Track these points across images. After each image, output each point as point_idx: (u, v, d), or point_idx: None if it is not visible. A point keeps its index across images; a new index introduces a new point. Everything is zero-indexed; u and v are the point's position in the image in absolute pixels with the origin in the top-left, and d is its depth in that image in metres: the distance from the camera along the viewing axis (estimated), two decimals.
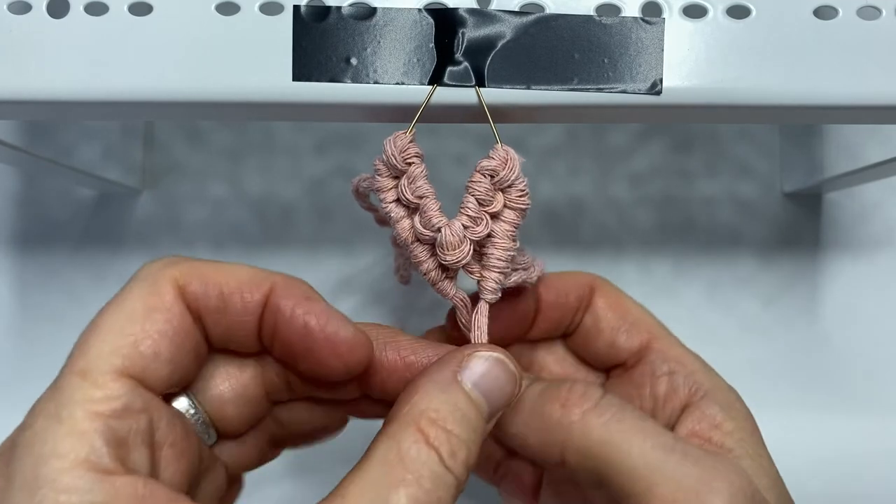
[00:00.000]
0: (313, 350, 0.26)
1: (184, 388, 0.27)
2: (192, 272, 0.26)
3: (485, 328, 0.29)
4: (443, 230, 0.27)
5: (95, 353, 0.23)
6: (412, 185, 0.28)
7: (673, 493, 0.26)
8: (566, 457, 0.28)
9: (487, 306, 0.29)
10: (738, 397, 0.31)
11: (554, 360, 0.35)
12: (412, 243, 0.28)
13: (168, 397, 0.26)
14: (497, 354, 0.27)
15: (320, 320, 0.26)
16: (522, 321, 0.34)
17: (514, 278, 0.30)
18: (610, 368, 0.34)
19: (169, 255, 0.26)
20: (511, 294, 0.32)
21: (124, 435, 0.22)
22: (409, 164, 0.28)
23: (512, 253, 0.29)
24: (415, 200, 0.28)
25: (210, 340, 0.27)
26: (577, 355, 0.35)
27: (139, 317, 0.24)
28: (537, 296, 0.34)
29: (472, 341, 0.29)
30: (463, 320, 0.30)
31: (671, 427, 0.31)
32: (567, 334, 0.35)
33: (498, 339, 0.29)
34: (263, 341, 0.27)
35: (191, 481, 0.25)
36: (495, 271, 0.29)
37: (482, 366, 0.26)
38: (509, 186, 0.28)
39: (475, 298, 0.29)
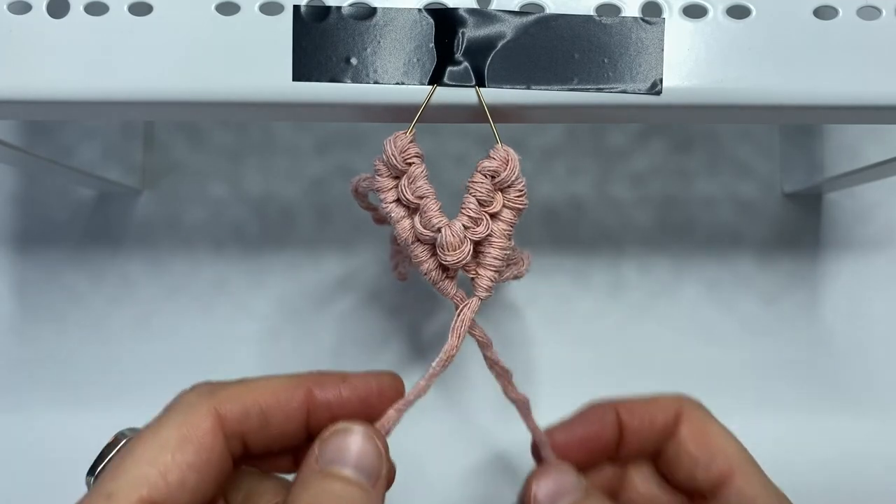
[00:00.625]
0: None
1: None
2: (230, 399, 0.27)
3: (468, 323, 0.29)
4: (443, 231, 0.27)
5: (124, 480, 0.25)
6: (412, 186, 0.28)
7: None
8: None
9: (479, 302, 0.29)
10: None
11: (641, 479, 0.35)
12: (412, 243, 0.28)
13: None
14: (350, 426, 0.28)
15: (356, 392, 0.29)
16: (604, 448, 0.33)
17: (507, 274, 0.30)
18: (693, 494, 0.34)
19: (203, 383, 0.28)
20: (591, 418, 0.32)
21: None
22: (410, 164, 0.28)
23: (508, 252, 0.29)
24: (415, 200, 0.28)
25: (251, 452, 0.29)
26: (664, 476, 0.35)
27: (171, 447, 0.26)
28: (620, 423, 0.33)
29: (451, 340, 0.29)
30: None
31: None
32: (655, 455, 0.34)
33: (581, 462, 0.32)
34: (312, 433, 0.29)
35: None
36: (491, 269, 0.29)
37: (334, 445, 0.27)
38: (509, 186, 0.28)
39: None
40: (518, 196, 0.28)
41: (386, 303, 0.46)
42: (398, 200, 0.28)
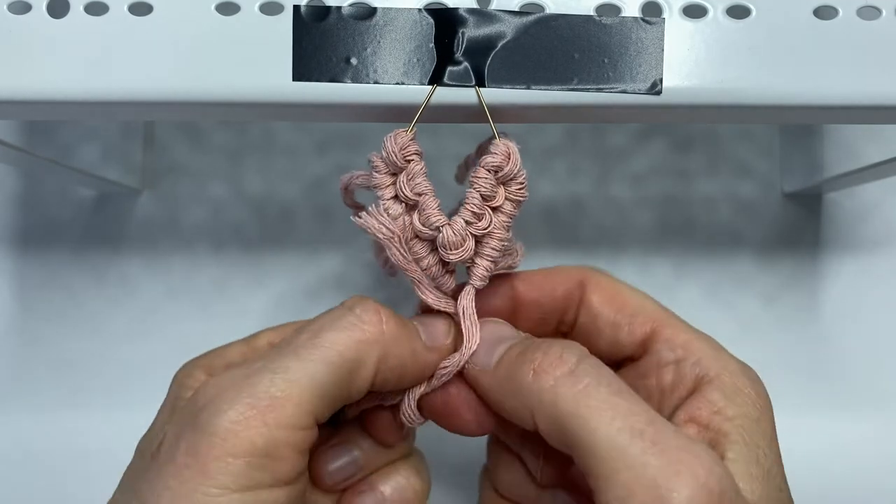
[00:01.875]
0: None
1: None
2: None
3: (473, 311, 0.30)
4: (444, 230, 0.28)
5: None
6: (411, 182, 0.28)
7: (631, 483, 0.24)
8: (538, 423, 0.27)
9: (474, 290, 0.30)
10: (753, 381, 0.29)
11: None
12: (410, 240, 0.28)
13: None
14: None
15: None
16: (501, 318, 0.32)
17: (501, 264, 0.31)
18: (619, 363, 0.33)
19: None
20: (481, 292, 0.31)
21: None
22: (409, 160, 0.28)
23: (506, 243, 0.29)
24: (413, 197, 0.28)
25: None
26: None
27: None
28: (514, 293, 0.32)
29: (462, 326, 0.29)
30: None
31: (671, 414, 0.29)
32: (565, 332, 0.33)
33: None
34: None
35: None
36: (488, 260, 0.29)
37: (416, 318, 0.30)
38: (511, 179, 0.28)
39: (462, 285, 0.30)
40: (519, 188, 0.28)
41: (385, 302, 0.46)
42: (396, 197, 0.28)
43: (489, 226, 0.28)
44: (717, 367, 0.29)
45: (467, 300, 0.29)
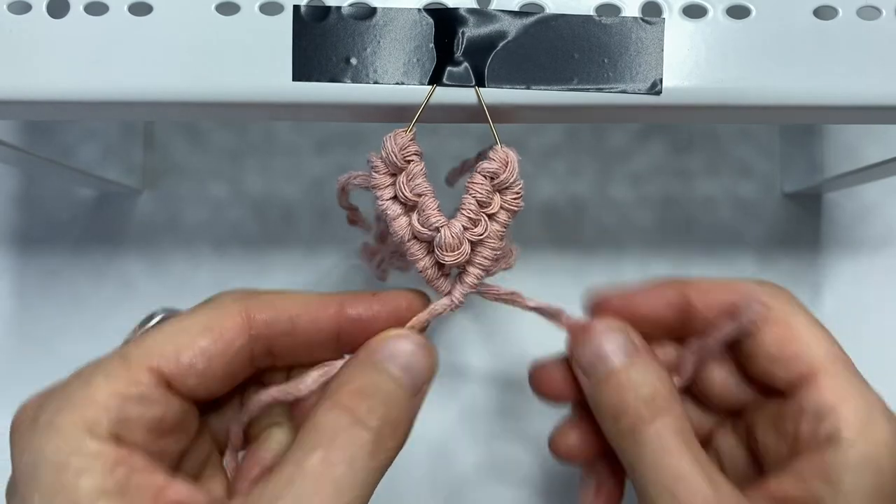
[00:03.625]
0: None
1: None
2: (261, 302, 0.28)
3: (426, 318, 0.29)
4: (442, 231, 0.27)
5: (143, 348, 0.27)
6: (411, 183, 0.28)
7: None
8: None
9: (451, 305, 0.29)
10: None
11: (720, 370, 0.31)
12: (408, 241, 0.28)
13: None
14: (408, 334, 0.28)
15: (386, 307, 0.29)
16: (664, 329, 0.31)
17: (494, 269, 0.30)
18: (770, 391, 0.30)
19: (240, 288, 0.29)
20: (652, 292, 0.30)
21: (131, 416, 0.26)
22: (409, 161, 0.28)
23: (499, 252, 0.29)
24: (413, 198, 0.28)
25: (278, 359, 0.29)
26: (739, 366, 0.31)
27: (192, 332, 0.27)
28: (689, 304, 0.30)
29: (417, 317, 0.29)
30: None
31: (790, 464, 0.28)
32: (730, 343, 0.31)
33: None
34: (347, 350, 0.29)
35: (181, 454, 0.28)
36: (479, 268, 0.29)
37: (393, 347, 0.28)
38: (507, 188, 0.28)
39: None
40: (515, 198, 0.28)
41: None
42: (395, 198, 0.28)
43: (485, 232, 0.28)
44: (858, 432, 0.27)
45: (438, 307, 0.29)
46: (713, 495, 0.26)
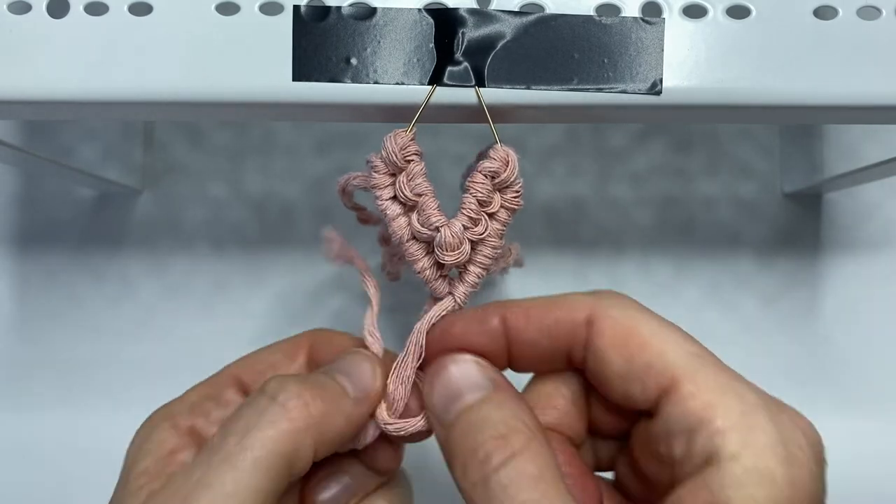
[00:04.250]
0: None
1: None
2: (323, 335, 0.32)
3: (427, 325, 0.29)
4: (443, 231, 0.27)
5: (235, 363, 0.31)
6: (411, 183, 0.28)
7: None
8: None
9: (453, 305, 0.29)
10: (787, 461, 0.23)
11: (566, 396, 0.28)
12: (407, 241, 0.28)
13: None
14: (359, 350, 0.29)
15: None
16: (493, 360, 0.27)
17: (494, 269, 0.30)
18: (637, 414, 0.27)
19: (318, 329, 0.32)
20: (470, 320, 0.28)
21: (209, 411, 0.29)
22: (409, 161, 0.28)
23: (499, 251, 0.29)
24: (413, 198, 0.28)
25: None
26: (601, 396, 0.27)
27: (270, 352, 0.31)
28: (505, 329, 0.27)
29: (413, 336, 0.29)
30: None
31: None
32: (580, 368, 0.27)
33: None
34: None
35: None
36: (480, 267, 0.29)
37: (338, 358, 0.29)
38: (507, 187, 0.28)
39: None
40: (515, 197, 0.28)
41: (384, 302, 0.46)
42: (394, 198, 0.28)
43: (485, 231, 0.28)
44: (738, 442, 0.23)
45: (439, 309, 0.29)
46: None
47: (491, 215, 0.28)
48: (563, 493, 0.23)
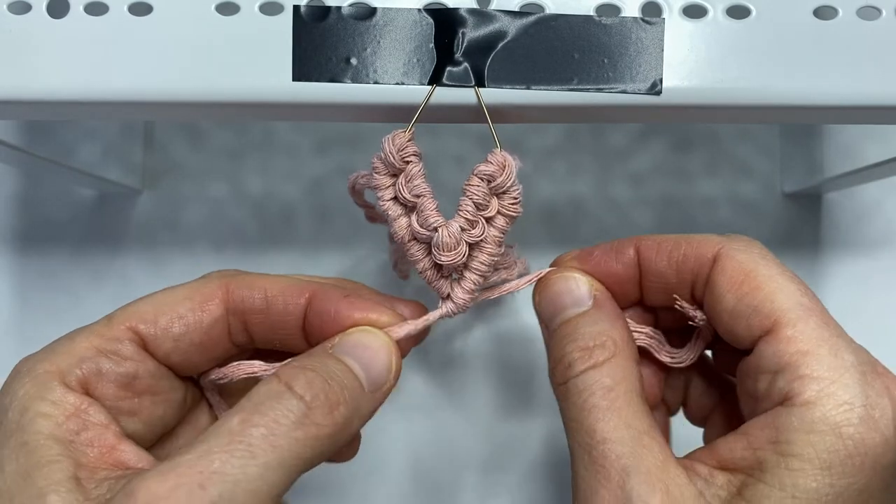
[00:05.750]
0: None
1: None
2: (241, 280, 0.29)
3: (421, 326, 0.29)
4: (439, 231, 0.27)
5: (127, 311, 0.29)
6: (409, 184, 0.28)
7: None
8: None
9: (447, 313, 0.29)
10: (866, 426, 0.24)
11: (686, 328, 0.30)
12: (408, 241, 0.28)
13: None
14: (374, 331, 0.28)
15: (351, 313, 0.29)
16: (623, 289, 0.30)
17: (494, 278, 0.30)
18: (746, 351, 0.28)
19: (231, 269, 0.31)
20: (607, 250, 0.29)
21: (103, 369, 0.27)
22: (407, 162, 0.28)
23: (496, 258, 0.29)
24: (412, 199, 0.28)
25: (254, 338, 0.30)
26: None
27: (174, 299, 0.29)
28: (639, 259, 0.29)
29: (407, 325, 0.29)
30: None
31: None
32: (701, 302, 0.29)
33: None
34: (310, 341, 0.30)
35: (167, 423, 0.30)
36: (476, 273, 0.29)
37: (353, 339, 0.28)
38: (504, 192, 0.28)
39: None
40: (512, 203, 0.28)
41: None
42: (395, 198, 0.28)
43: (483, 234, 0.28)
44: (815, 391, 0.24)
45: (433, 316, 0.29)
46: (632, 464, 0.24)
47: (489, 221, 0.28)
48: (634, 406, 0.26)
